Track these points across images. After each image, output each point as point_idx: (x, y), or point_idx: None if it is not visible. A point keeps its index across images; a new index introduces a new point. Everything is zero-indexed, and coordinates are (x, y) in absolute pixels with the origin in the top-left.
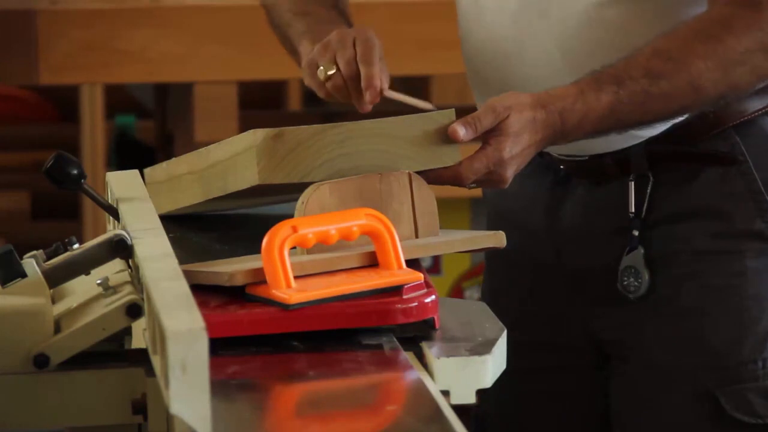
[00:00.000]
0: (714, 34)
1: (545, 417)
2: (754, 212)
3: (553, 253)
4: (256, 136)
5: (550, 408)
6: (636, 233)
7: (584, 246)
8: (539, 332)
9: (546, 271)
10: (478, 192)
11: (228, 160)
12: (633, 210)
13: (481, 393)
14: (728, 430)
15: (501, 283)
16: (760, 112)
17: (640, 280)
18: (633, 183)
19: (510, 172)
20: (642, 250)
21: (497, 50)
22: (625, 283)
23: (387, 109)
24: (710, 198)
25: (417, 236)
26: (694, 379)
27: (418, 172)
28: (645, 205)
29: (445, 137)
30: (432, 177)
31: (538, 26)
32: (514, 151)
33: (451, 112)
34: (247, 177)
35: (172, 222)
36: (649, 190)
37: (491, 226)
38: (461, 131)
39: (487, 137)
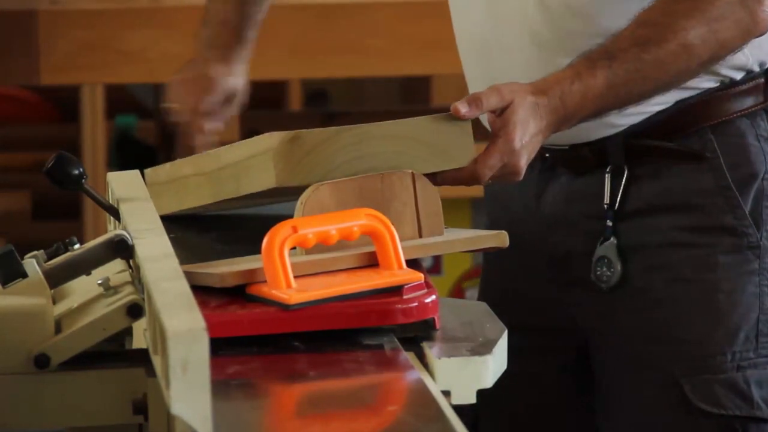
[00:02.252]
0: (699, 7)
1: (529, 398)
2: (725, 208)
3: (536, 239)
4: (272, 139)
5: (534, 389)
6: (609, 224)
7: (563, 233)
8: (524, 314)
9: (530, 255)
10: (479, 191)
11: (241, 163)
12: (608, 201)
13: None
14: (693, 419)
15: (493, 266)
16: (737, 114)
17: (612, 270)
18: (609, 175)
19: (523, 162)
20: (615, 241)
21: (479, 43)
22: (599, 272)
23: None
24: (682, 192)
25: (421, 236)
26: (662, 368)
27: (433, 174)
28: (619, 196)
29: (460, 138)
30: (449, 178)
31: (510, 16)
32: (524, 140)
33: None
34: (264, 180)
35: (173, 222)
36: (623, 182)
37: (488, 210)
38: (463, 108)
39: (494, 131)
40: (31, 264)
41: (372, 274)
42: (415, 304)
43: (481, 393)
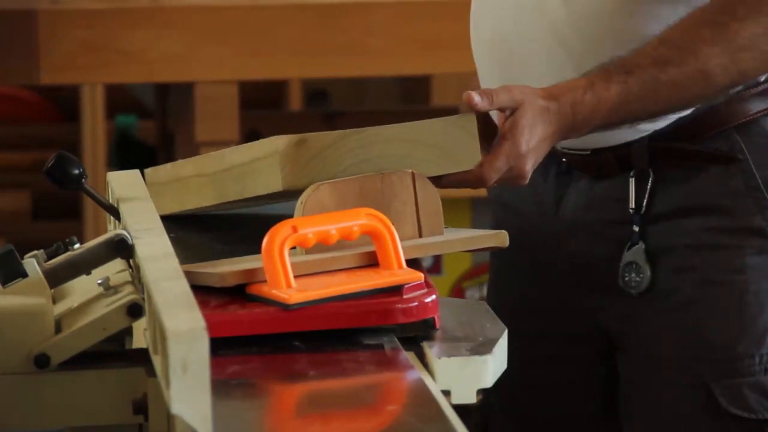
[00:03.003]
0: (719, 21)
1: (550, 406)
2: (754, 209)
3: (554, 244)
4: (279, 142)
5: (555, 397)
6: (636, 229)
7: (585, 238)
8: (543, 322)
9: (548, 262)
10: (479, 191)
11: (246, 165)
12: (633, 205)
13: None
14: (723, 424)
15: (505, 272)
16: (762, 113)
17: (641, 275)
18: (633, 179)
19: (529, 166)
20: (643, 246)
21: (501, 45)
22: (627, 279)
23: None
24: (710, 195)
25: (421, 236)
26: (691, 372)
27: (438, 177)
28: (645, 200)
29: (466, 141)
30: (455, 181)
31: (536, 20)
32: (531, 144)
33: (472, 117)
34: (270, 183)
35: (173, 222)
36: (649, 186)
37: (496, 218)
38: (476, 98)
39: (502, 133)
40: (31, 264)
41: (372, 274)
42: (415, 303)
43: (499, 399)
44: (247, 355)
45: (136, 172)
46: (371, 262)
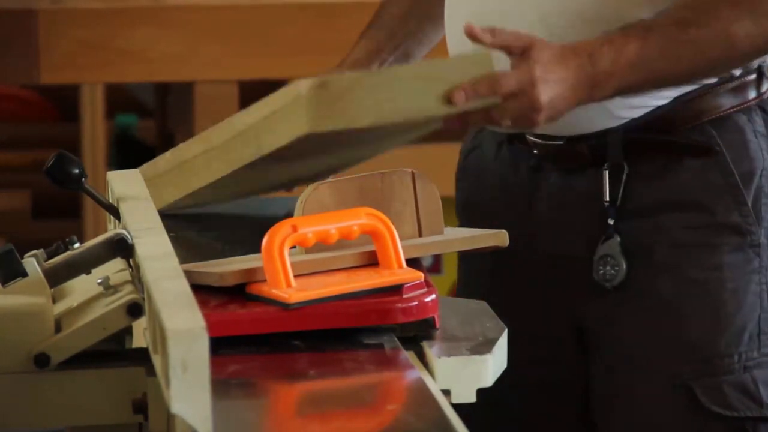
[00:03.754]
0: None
1: (529, 407)
2: (732, 205)
3: (530, 241)
4: (300, 87)
5: (533, 398)
6: (611, 222)
7: (560, 234)
8: (519, 322)
9: (524, 260)
10: None
11: (264, 120)
12: (608, 199)
13: None
14: (704, 422)
15: (474, 273)
16: (735, 109)
17: (617, 268)
18: (607, 172)
19: (544, 97)
20: (618, 239)
21: (477, 18)
22: (602, 272)
23: None
24: (689, 190)
25: (421, 235)
26: (670, 371)
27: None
28: (620, 194)
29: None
30: (470, 90)
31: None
32: (547, 76)
33: (487, 54)
34: (294, 128)
35: (173, 221)
36: (624, 180)
37: (462, 218)
38: (478, 29)
39: (513, 62)
40: (31, 263)
41: (372, 273)
42: (415, 303)
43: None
44: (247, 355)
45: (136, 171)
46: (371, 261)
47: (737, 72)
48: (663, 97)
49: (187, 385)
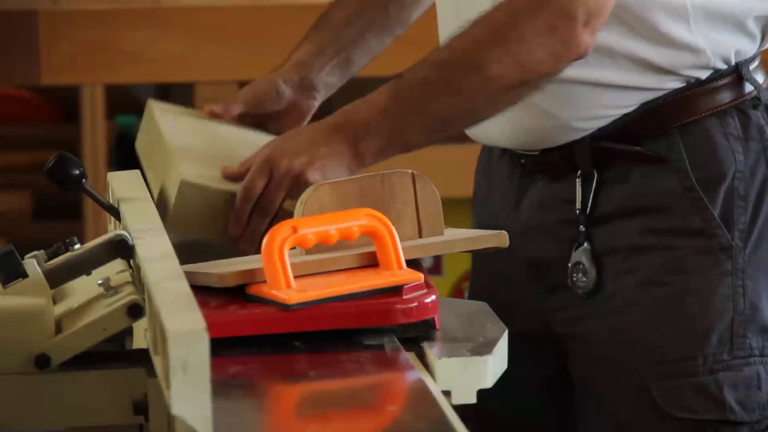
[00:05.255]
0: (500, 31)
1: (510, 406)
2: (691, 210)
3: (516, 244)
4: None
5: (514, 397)
6: (582, 229)
7: (540, 239)
8: (508, 322)
9: (511, 262)
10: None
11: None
12: (579, 206)
13: None
14: (665, 424)
15: (479, 272)
16: (707, 113)
17: (587, 276)
18: (579, 179)
19: (298, 162)
20: (588, 246)
21: (454, 3)
22: (575, 278)
23: None
24: (647, 196)
25: (421, 236)
26: (634, 373)
27: None
28: (590, 201)
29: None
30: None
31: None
32: (283, 144)
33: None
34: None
35: None
36: (593, 187)
37: (474, 209)
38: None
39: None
40: (32, 264)
41: (372, 274)
42: (415, 304)
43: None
44: (247, 356)
45: (137, 172)
46: (371, 262)
47: (704, 75)
48: (628, 106)
49: (188, 386)
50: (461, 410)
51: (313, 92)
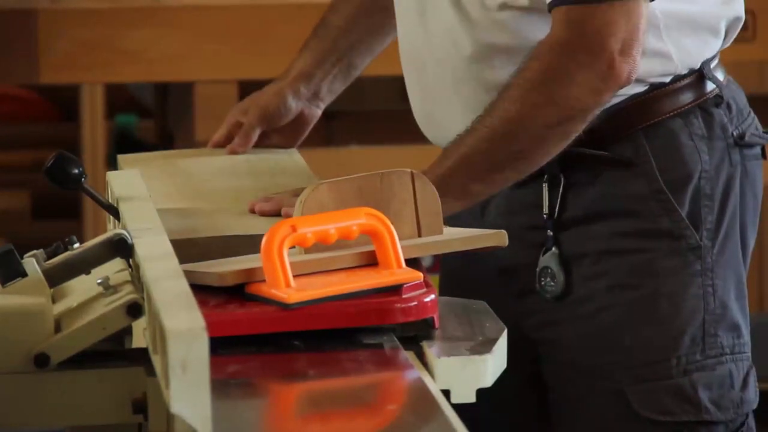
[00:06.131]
0: (536, 78)
1: (488, 413)
2: (660, 212)
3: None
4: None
5: (491, 405)
6: (550, 233)
7: (509, 244)
8: None
9: (480, 268)
10: None
11: None
12: (547, 210)
13: None
14: (641, 428)
15: (448, 275)
16: (670, 114)
17: (555, 281)
18: (546, 184)
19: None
20: (556, 251)
21: (414, 55)
22: (543, 283)
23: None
24: (615, 199)
25: (420, 235)
26: (607, 377)
27: None
28: (557, 205)
29: None
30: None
31: (437, 29)
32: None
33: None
34: None
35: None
36: (560, 192)
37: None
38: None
39: None
40: (31, 263)
41: (371, 274)
42: (414, 303)
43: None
44: (246, 355)
45: (136, 171)
46: (370, 261)
47: (667, 79)
48: None
49: (187, 385)
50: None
51: (318, 102)
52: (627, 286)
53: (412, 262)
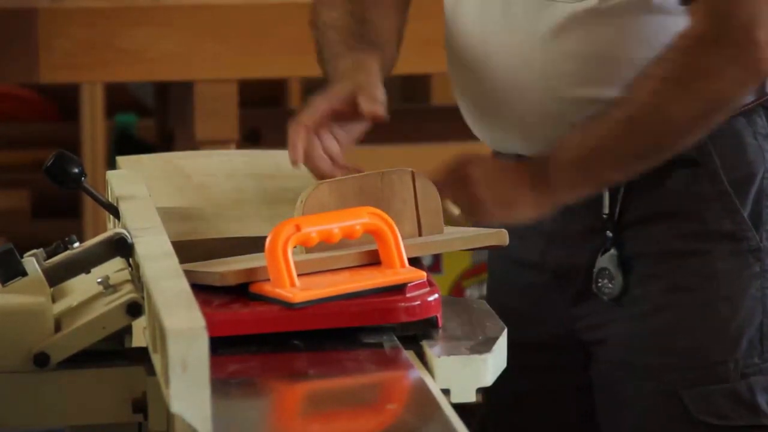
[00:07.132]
0: (677, 72)
1: (534, 416)
2: (723, 213)
3: (537, 253)
4: None
5: (538, 407)
6: (610, 235)
7: (564, 247)
8: (529, 331)
9: (533, 272)
10: None
11: None
12: (606, 211)
13: (482, 392)
14: (694, 431)
15: (497, 282)
16: (733, 114)
17: (613, 282)
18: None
19: (477, 173)
20: (615, 252)
21: (470, 53)
22: (600, 284)
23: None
24: (679, 200)
25: (420, 234)
26: (662, 379)
27: None
28: (618, 206)
29: None
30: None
31: (500, 29)
32: (481, 162)
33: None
34: None
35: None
36: (621, 193)
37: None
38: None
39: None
40: (31, 262)
41: (375, 273)
42: (418, 302)
43: (491, 409)
44: (246, 354)
45: (136, 171)
46: (373, 260)
47: None
48: None
49: (187, 385)
50: (494, 420)
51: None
52: (684, 288)
53: (414, 262)
